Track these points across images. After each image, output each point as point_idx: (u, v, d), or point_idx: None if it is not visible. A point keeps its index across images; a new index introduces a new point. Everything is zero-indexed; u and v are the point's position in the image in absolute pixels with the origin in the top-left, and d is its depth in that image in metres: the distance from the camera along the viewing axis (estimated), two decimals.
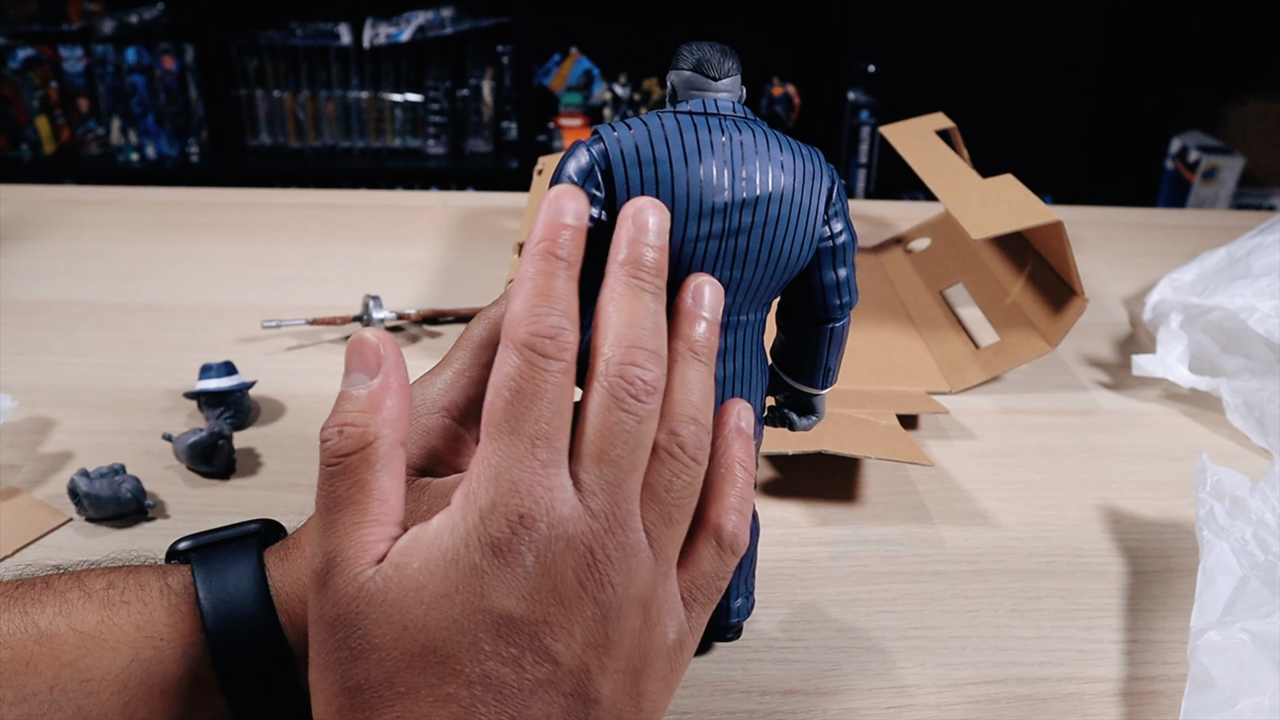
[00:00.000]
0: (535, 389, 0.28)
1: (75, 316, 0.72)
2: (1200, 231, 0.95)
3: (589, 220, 0.32)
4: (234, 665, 0.34)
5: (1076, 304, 0.62)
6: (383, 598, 0.28)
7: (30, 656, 0.33)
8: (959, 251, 0.76)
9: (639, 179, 0.32)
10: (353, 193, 1.01)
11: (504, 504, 0.28)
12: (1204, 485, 0.47)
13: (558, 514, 0.28)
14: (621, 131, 0.32)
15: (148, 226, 0.88)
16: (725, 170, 0.32)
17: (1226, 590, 0.42)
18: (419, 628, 0.28)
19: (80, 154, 2.16)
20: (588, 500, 0.29)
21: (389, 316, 0.69)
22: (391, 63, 2.16)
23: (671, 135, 0.32)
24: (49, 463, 0.55)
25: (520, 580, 0.28)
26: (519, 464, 0.28)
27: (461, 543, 0.28)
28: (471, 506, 0.28)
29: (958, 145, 0.79)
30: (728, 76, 0.34)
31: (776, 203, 0.33)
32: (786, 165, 0.33)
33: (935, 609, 0.47)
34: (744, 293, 0.34)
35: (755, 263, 0.33)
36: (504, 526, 0.28)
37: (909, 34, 2.26)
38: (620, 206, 0.32)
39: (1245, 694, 0.38)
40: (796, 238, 0.34)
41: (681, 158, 0.32)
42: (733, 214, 0.32)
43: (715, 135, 0.32)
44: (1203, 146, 2.26)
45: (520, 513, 0.28)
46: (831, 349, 0.38)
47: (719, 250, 0.33)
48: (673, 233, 0.32)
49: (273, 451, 0.57)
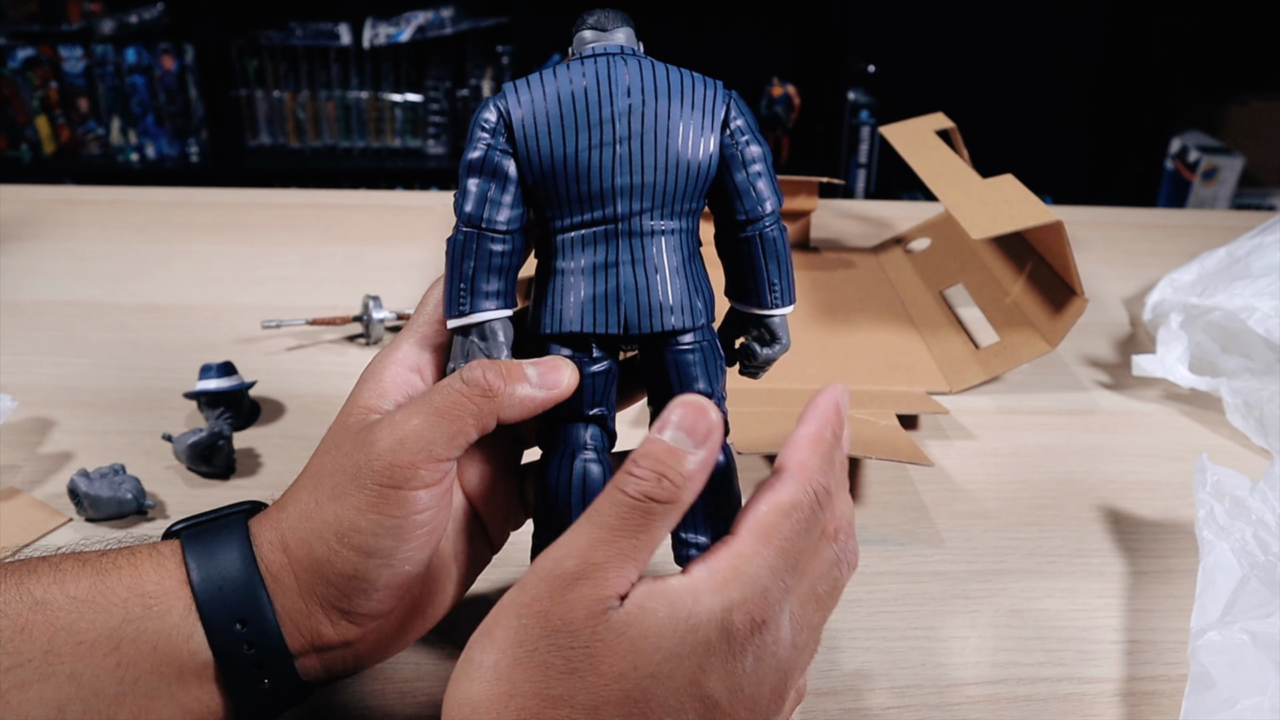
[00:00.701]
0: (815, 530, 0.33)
1: (75, 316, 0.72)
2: (1200, 231, 0.95)
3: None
4: (220, 621, 0.35)
5: (1076, 304, 0.62)
6: (623, 630, 0.30)
7: (25, 623, 0.33)
8: (959, 251, 0.76)
9: (533, 119, 0.36)
10: (353, 193, 1.01)
11: (751, 605, 0.31)
12: (1204, 485, 0.47)
13: (781, 636, 0.32)
14: (520, 83, 0.37)
15: (148, 226, 0.88)
16: (611, 86, 0.36)
17: (1226, 590, 0.42)
18: (644, 674, 0.30)
19: (80, 154, 2.16)
20: (796, 635, 0.33)
21: (389, 316, 0.69)
22: (391, 63, 2.16)
23: (561, 74, 0.37)
24: (49, 463, 0.55)
25: (736, 675, 0.31)
26: (775, 579, 0.31)
27: (704, 617, 0.30)
28: (722, 592, 0.31)
29: (958, 145, 0.79)
30: (620, 29, 0.38)
31: (664, 109, 0.36)
32: (674, 81, 0.37)
33: (935, 609, 0.47)
34: (651, 198, 0.37)
35: (654, 166, 0.36)
36: (745, 623, 0.31)
37: (909, 34, 2.26)
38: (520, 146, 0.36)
39: (1245, 694, 0.38)
40: (690, 141, 0.37)
41: (568, 85, 0.36)
42: (621, 121, 0.36)
43: (603, 64, 0.37)
44: (1203, 146, 2.26)
45: (763, 619, 0.31)
46: (768, 260, 0.39)
47: (614, 156, 0.36)
48: (567, 145, 0.36)
49: (273, 451, 0.57)
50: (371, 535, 0.35)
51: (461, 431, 0.35)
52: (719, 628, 0.30)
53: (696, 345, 0.38)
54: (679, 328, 0.37)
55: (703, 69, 0.39)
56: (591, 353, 0.38)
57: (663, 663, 0.30)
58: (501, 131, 0.37)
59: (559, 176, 0.36)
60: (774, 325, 0.41)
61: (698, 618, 0.30)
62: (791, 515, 0.32)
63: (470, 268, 0.37)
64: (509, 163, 0.37)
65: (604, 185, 0.36)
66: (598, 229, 0.37)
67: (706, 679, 0.30)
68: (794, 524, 0.32)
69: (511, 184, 0.37)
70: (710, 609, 0.30)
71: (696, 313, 0.38)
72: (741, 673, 0.31)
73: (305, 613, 0.36)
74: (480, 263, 0.37)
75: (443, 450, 0.35)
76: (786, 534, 0.32)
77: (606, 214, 0.37)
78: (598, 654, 0.30)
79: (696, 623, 0.30)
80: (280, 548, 0.36)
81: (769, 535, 0.32)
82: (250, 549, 0.36)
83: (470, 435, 0.36)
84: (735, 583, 0.31)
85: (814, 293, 0.76)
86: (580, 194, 0.36)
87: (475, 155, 0.37)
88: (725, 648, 0.30)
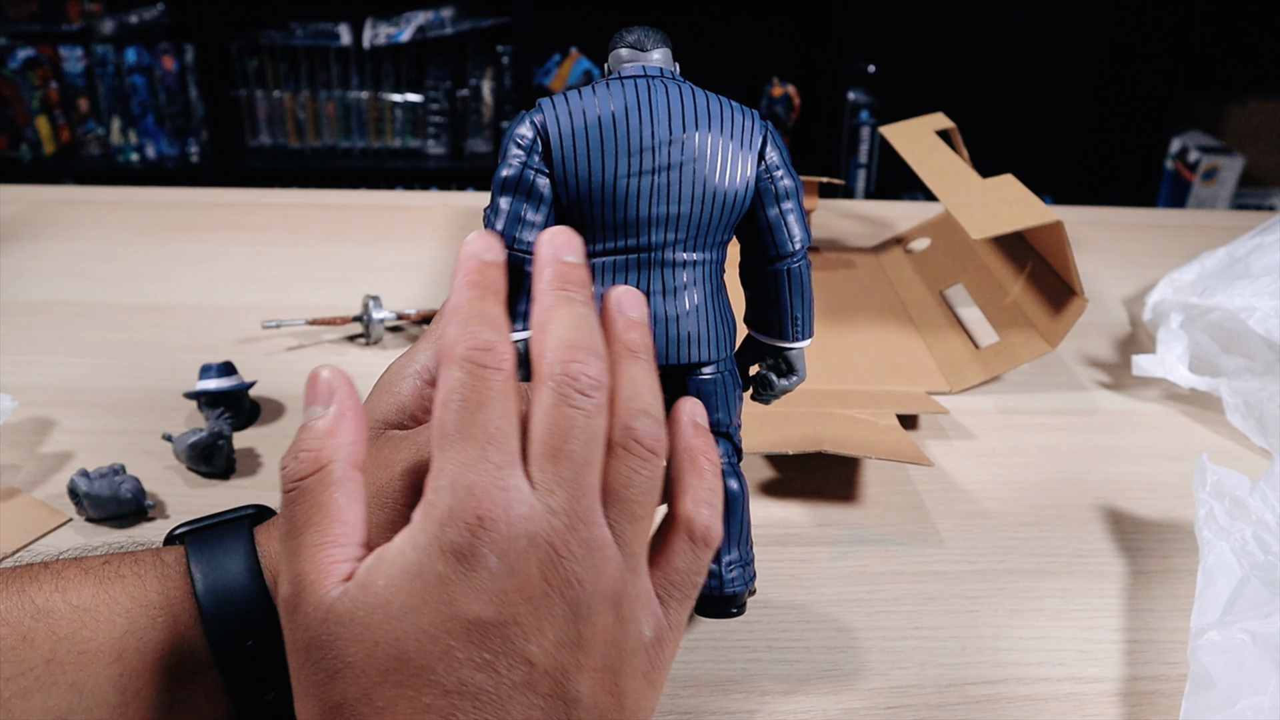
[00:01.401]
0: (480, 396, 0.29)
1: (75, 316, 0.72)
2: (1200, 231, 0.95)
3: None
4: (225, 632, 0.34)
5: (1076, 304, 0.62)
6: (351, 617, 0.28)
7: (27, 632, 0.33)
8: (959, 251, 0.76)
9: (571, 139, 0.36)
10: (353, 193, 1.01)
11: (461, 509, 0.28)
12: (1204, 485, 0.47)
13: (516, 513, 0.28)
14: (558, 100, 0.36)
15: (148, 226, 0.88)
16: (651, 112, 0.36)
17: (1226, 590, 0.42)
18: (390, 642, 0.28)
19: (80, 154, 2.16)
20: (545, 498, 0.29)
21: (389, 316, 0.69)
22: (391, 63, 2.16)
23: (601, 94, 0.36)
24: (49, 463, 0.55)
25: (485, 583, 0.28)
26: (472, 468, 0.28)
27: (424, 554, 0.28)
28: (430, 517, 0.28)
29: (958, 145, 0.79)
30: (658, 49, 0.38)
31: (705, 141, 0.36)
32: (714, 111, 0.36)
33: (935, 609, 0.47)
34: (685, 229, 0.36)
35: (690, 198, 0.36)
36: (463, 531, 0.28)
37: (909, 34, 2.26)
38: (556, 167, 0.35)
39: (1245, 694, 0.38)
40: (728, 175, 0.36)
41: (609, 107, 0.36)
42: (661, 150, 0.36)
43: (642, 87, 0.36)
44: (1203, 146, 2.26)
45: (478, 515, 0.28)
46: (793, 295, 0.39)
47: (652, 186, 0.36)
48: (606, 170, 0.35)
49: (273, 451, 0.57)
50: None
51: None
52: (442, 553, 0.28)
53: (717, 375, 0.38)
54: (704, 360, 0.37)
55: (703, 69, 0.39)
56: None
57: (400, 621, 0.28)
58: (538, 149, 0.36)
59: (595, 201, 0.36)
60: (793, 358, 0.41)
61: (418, 561, 0.28)
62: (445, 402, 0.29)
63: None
64: (544, 182, 0.36)
65: (640, 214, 0.36)
66: (630, 256, 0.37)
67: (455, 607, 0.28)
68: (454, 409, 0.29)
69: (545, 204, 0.36)
70: (426, 543, 0.28)
71: (720, 345, 0.38)
72: (490, 576, 0.28)
73: None
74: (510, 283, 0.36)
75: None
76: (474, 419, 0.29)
77: (640, 243, 0.36)
78: (341, 648, 0.28)
79: (419, 566, 0.28)
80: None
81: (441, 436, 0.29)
82: (256, 559, 0.35)
83: None
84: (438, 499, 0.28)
85: (814, 292, 0.76)
86: (615, 221, 0.36)
87: (509, 173, 0.36)
88: (458, 565, 0.28)
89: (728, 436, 0.39)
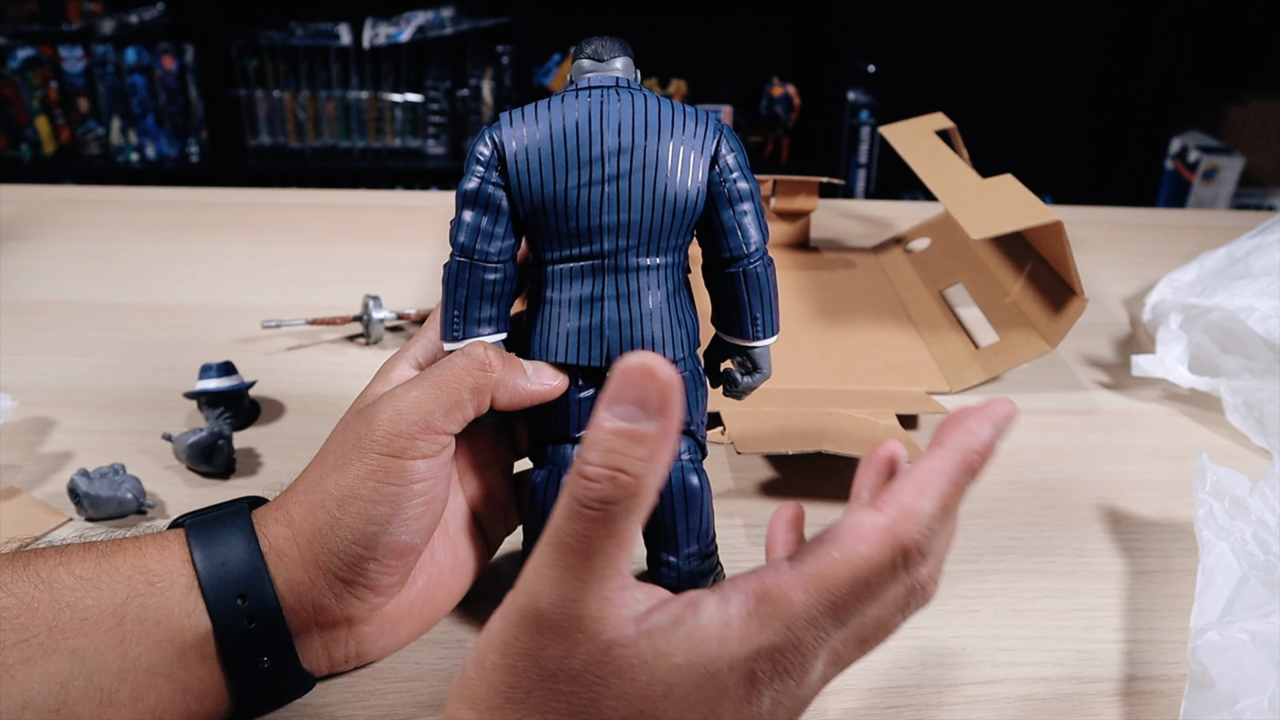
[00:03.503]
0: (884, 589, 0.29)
1: (75, 316, 0.72)
2: (1200, 231, 0.95)
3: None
4: (221, 596, 0.35)
5: (1076, 304, 0.62)
6: (630, 670, 0.28)
7: (30, 600, 0.34)
8: (959, 251, 0.76)
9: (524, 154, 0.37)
10: (353, 193, 1.01)
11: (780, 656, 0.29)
12: (1204, 485, 0.47)
13: (807, 680, 0.30)
14: (516, 115, 0.38)
15: (148, 226, 0.88)
16: (603, 123, 0.37)
17: (1226, 590, 0.42)
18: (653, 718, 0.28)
19: (80, 154, 2.16)
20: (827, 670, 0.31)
21: (389, 316, 0.69)
22: (391, 63, 2.16)
23: (555, 108, 0.37)
24: (49, 463, 0.55)
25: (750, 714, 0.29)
26: (811, 627, 0.29)
27: (727, 665, 0.29)
28: (752, 638, 0.29)
29: (957, 145, 0.79)
30: (618, 58, 0.39)
31: (654, 148, 0.37)
32: (665, 118, 0.37)
33: (935, 609, 0.47)
34: (638, 235, 0.37)
35: (640, 205, 0.37)
36: (770, 672, 0.29)
37: (909, 34, 2.26)
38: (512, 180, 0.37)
39: (1245, 694, 0.38)
40: (678, 181, 0.37)
41: (560, 120, 0.37)
42: (610, 160, 0.37)
43: (596, 99, 0.37)
44: (1203, 146, 2.26)
45: (786, 668, 0.29)
46: (752, 295, 0.40)
47: (603, 195, 0.37)
48: (558, 182, 0.37)
49: (273, 451, 0.57)
50: (370, 503, 0.36)
51: (458, 404, 0.36)
52: (741, 675, 0.29)
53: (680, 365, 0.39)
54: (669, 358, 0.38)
55: (703, 69, 0.40)
56: (577, 381, 0.39)
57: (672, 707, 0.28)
58: (495, 164, 0.38)
59: (548, 212, 0.37)
60: (755, 355, 0.42)
61: (719, 665, 0.28)
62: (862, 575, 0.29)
63: (464, 295, 0.38)
64: (501, 195, 0.38)
65: (591, 223, 0.37)
66: (585, 263, 0.38)
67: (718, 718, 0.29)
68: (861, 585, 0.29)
69: (504, 216, 0.38)
70: (735, 657, 0.28)
71: (679, 345, 0.39)
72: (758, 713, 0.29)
73: (308, 584, 0.36)
74: (473, 290, 0.38)
75: (440, 422, 0.36)
76: (848, 592, 0.29)
77: (594, 250, 0.38)
78: (603, 694, 0.28)
79: (717, 670, 0.28)
80: (285, 522, 0.37)
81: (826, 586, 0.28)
82: (252, 530, 0.37)
83: (466, 410, 0.37)
84: (769, 629, 0.28)
85: (814, 293, 0.76)
86: (569, 229, 0.37)
87: (470, 187, 0.38)
88: (743, 693, 0.29)
89: (691, 434, 0.40)
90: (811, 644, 0.29)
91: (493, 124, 0.38)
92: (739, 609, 0.29)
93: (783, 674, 0.29)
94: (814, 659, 0.30)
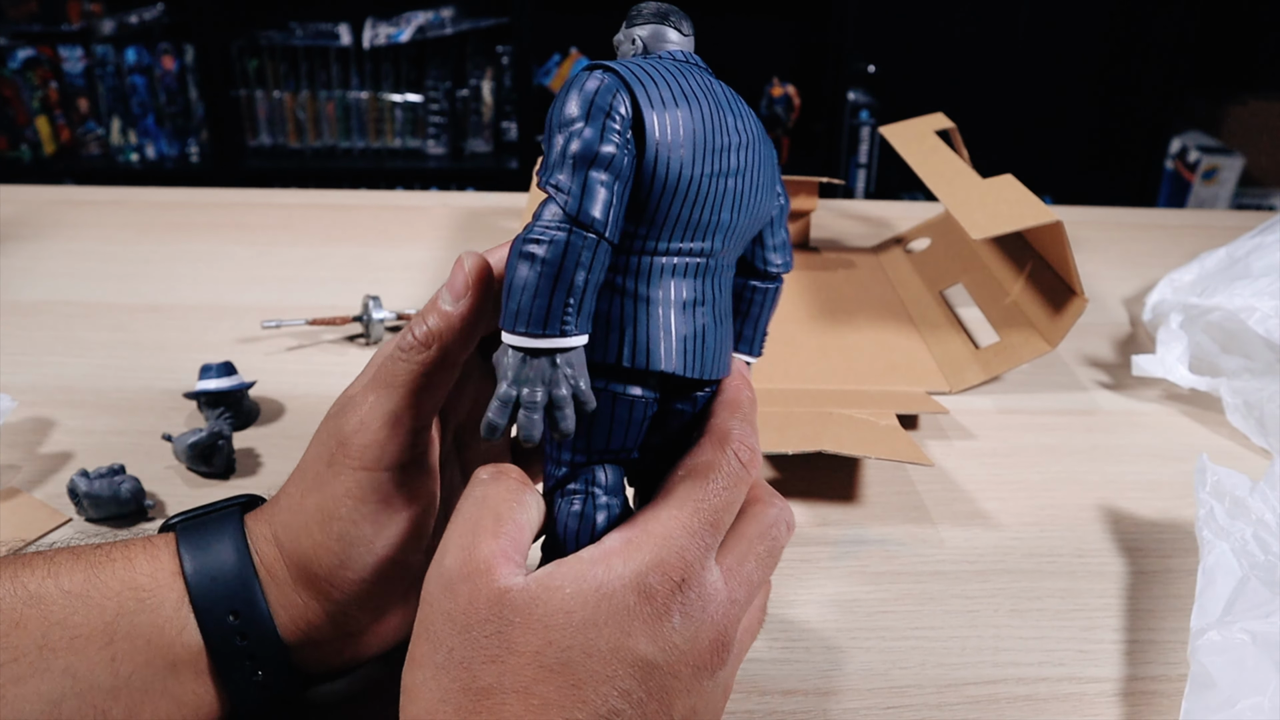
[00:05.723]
0: (735, 485, 0.33)
1: (75, 316, 0.72)
2: (1200, 231, 0.95)
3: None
4: (212, 610, 0.35)
5: (1076, 304, 0.62)
6: (528, 609, 0.30)
7: (20, 617, 0.33)
8: (959, 251, 0.76)
9: (667, 127, 0.31)
10: (353, 193, 1.01)
11: (668, 565, 0.30)
12: (1204, 485, 0.47)
13: (708, 591, 0.31)
14: (641, 75, 0.31)
15: (148, 226, 0.88)
16: (717, 112, 0.32)
17: (1226, 590, 0.42)
18: (564, 646, 0.29)
19: (80, 154, 2.16)
20: (733, 590, 0.32)
21: (389, 316, 0.69)
22: (391, 63, 2.16)
23: (673, 73, 0.32)
24: (49, 463, 0.55)
25: (664, 634, 0.30)
26: (691, 538, 0.31)
27: (619, 582, 0.30)
28: (634, 555, 0.31)
29: (958, 145, 0.79)
30: (690, 34, 0.34)
31: (756, 150, 0.33)
32: (753, 118, 0.34)
33: (935, 609, 0.47)
34: (734, 237, 0.34)
35: (745, 206, 0.33)
36: (663, 583, 0.30)
37: (909, 34, 2.26)
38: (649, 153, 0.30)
39: (1245, 694, 0.38)
40: (767, 187, 0.34)
41: (693, 94, 0.31)
42: (733, 153, 0.32)
43: (702, 79, 0.32)
44: (1203, 146, 2.26)
45: (681, 577, 0.31)
46: (767, 313, 0.38)
47: (726, 189, 0.32)
48: (696, 165, 0.31)
49: (272, 451, 0.57)
50: (350, 523, 0.35)
51: (411, 393, 0.34)
52: (635, 591, 0.30)
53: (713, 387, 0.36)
54: (724, 374, 0.35)
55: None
56: (653, 392, 0.33)
57: (577, 632, 0.29)
58: (629, 129, 0.30)
59: (676, 197, 0.31)
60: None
61: (610, 585, 0.30)
62: (709, 476, 0.32)
63: (584, 280, 0.30)
64: (632, 166, 0.31)
65: (711, 217, 0.32)
66: (691, 260, 0.33)
67: (633, 641, 0.30)
68: (713, 485, 0.32)
69: (628, 192, 0.31)
70: (622, 574, 0.30)
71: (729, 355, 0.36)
72: (671, 630, 0.30)
73: (300, 605, 0.36)
74: (594, 276, 0.30)
75: (407, 420, 0.35)
76: (703, 494, 0.32)
77: (704, 247, 0.33)
78: (509, 636, 0.29)
79: (609, 590, 0.30)
80: (273, 542, 0.36)
81: (684, 497, 0.32)
82: (244, 541, 0.36)
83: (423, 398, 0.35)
84: (648, 544, 0.31)
85: (814, 293, 0.76)
86: (688, 220, 0.32)
87: (608, 150, 0.30)
88: (648, 609, 0.30)
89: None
90: (695, 551, 0.31)
91: (606, 72, 0.30)
92: (616, 539, 0.31)
93: (680, 586, 0.30)
94: (702, 568, 0.31)
